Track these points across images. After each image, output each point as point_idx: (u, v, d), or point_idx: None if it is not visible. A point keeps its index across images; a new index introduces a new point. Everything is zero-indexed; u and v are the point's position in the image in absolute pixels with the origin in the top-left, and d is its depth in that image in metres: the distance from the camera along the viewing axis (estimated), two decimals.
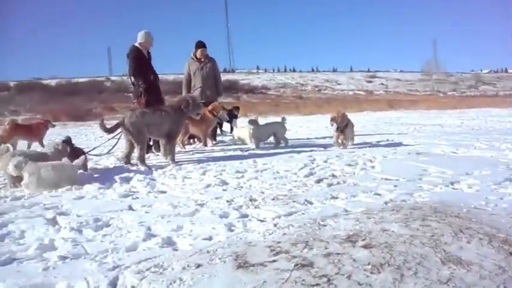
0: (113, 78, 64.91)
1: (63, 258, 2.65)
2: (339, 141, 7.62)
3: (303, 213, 3.50)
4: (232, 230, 3.11)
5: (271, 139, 8.25)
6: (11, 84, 52.64)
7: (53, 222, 3.51)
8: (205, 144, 8.43)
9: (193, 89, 9.03)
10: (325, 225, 3.06)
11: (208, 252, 2.61)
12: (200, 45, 9.11)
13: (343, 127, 7.47)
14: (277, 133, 8.12)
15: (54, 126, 9.71)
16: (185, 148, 8.22)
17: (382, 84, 74.63)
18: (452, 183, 4.46)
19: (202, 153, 7.64)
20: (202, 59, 9.01)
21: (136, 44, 7.55)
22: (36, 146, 8.42)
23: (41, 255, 2.74)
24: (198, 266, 2.40)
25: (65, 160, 5.13)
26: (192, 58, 9.14)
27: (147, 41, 7.65)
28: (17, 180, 4.85)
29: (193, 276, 2.28)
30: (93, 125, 16.86)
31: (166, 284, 2.21)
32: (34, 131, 8.79)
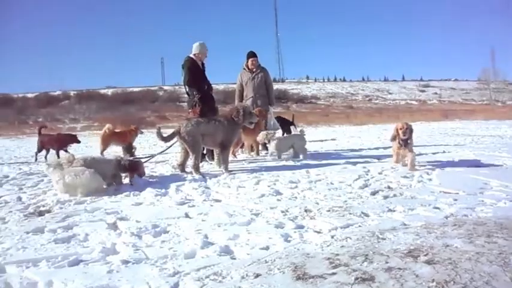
0: (165, 87, 66.69)
1: (125, 262, 2.74)
2: (400, 157, 6.58)
3: (360, 226, 3.44)
4: (288, 241, 3.10)
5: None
6: (71, 93, 55.17)
7: (114, 226, 3.65)
8: (258, 154, 8.48)
9: (245, 99, 9.12)
10: (384, 239, 2.99)
11: (266, 262, 2.62)
12: (251, 55, 9.20)
13: (406, 141, 6.30)
14: (295, 145, 8.15)
15: (142, 133, 10.65)
16: (237, 157, 8.31)
17: (436, 93, 72.31)
18: None
19: (255, 162, 7.68)
20: (254, 69, 9.09)
21: (191, 55, 7.76)
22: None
23: (105, 258, 2.85)
24: (257, 275, 2.41)
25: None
26: (244, 68, 9.25)
27: (201, 52, 7.84)
28: None
29: (252, 285, 2.29)
30: (146, 133, 17.35)
31: None
32: (127, 137, 9.50)
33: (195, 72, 7.65)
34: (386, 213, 3.82)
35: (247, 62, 9.15)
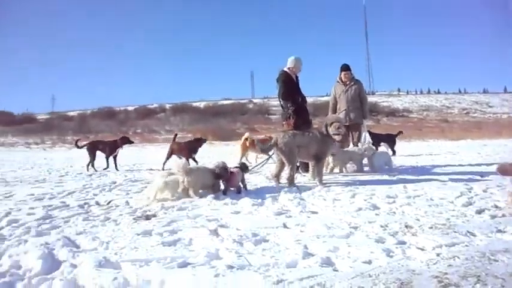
0: (255, 100, 68.07)
1: (230, 267, 2.83)
2: None
3: (466, 245, 3.24)
4: (391, 256, 3.02)
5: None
6: (167, 106, 58.28)
7: (215, 233, 3.79)
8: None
9: (338, 111, 9.06)
10: (496, 260, 2.80)
11: (370, 276, 2.57)
12: (344, 68, 9.13)
13: None
14: (352, 159, 8.24)
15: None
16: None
17: None
18: None
19: (349, 176, 7.58)
20: (348, 82, 9.01)
21: (285, 69, 7.89)
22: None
23: (209, 262, 2.96)
24: None
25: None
26: (338, 81, 9.20)
27: (296, 67, 7.97)
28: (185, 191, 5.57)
29: None
30: (236, 145, 17.81)
31: None
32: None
33: (289, 86, 7.78)
34: (495, 234, 3.56)
35: (341, 74, 9.10)
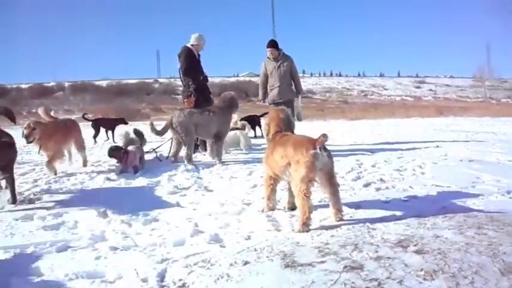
0: (161, 80, 66.29)
1: (114, 248, 2.73)
2: None
3: (351, 217, 3.42)
4: (279, 230, 3.09)
5: None
6: (66, 84, 54.78)
7: (104, 214, 3.63)
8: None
9: (270, 88, 8.85)
10: (374, 229, 2.98)
11: (255, 250, 2.60)
12: (270, 45, 8.61)
13: None
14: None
15: None
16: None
17: (431, 90, 72.28)
18: (508, 192, 4.23)
19: (248, 154, 7.67)
20: (278, 58, 8.55)
21: (189, 45, 7.69)
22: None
23: (93, 245, 2.84)
24: (246, 263, 2.40)
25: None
26: (268, 57, 8.88)
27: (199, 44, 7.78)
28: None
29: (240, 272, 2.27)
30: (140, 125, 17.30)
31: (213, 279, 2.22)
32: None
33: (191, 62, 7.60)
34: (378, 205, 3.81)
35: (268, 51, 8.87)
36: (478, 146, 8.41)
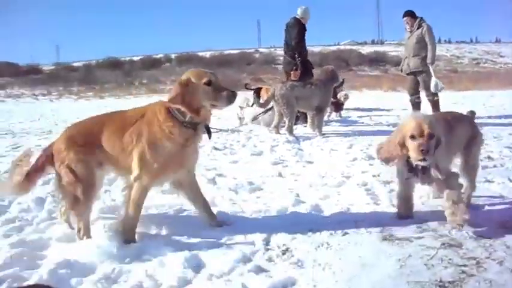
0: (261, 50, 66.89)
1: (224, 213, 2.99)
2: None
3: None
4: (378, 204, 3.17)
5: None
6: (173, 56, 57.47)
7: (213, 181, 3.94)
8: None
9: (403, 58, 8.58)
10: (477, 209, 2.92)
11: (355, 222, 2.72)
12: (404, 14, 8.40)
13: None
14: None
15: None
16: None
17: None
18: None
19: (348, 126, 7.67)
20: (414, 28, 8.26)
21: (298, 17, 7.78)
22: None
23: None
24: (345, 233, 2.53)
25: None
26: (405, 28, 8.48)
27: (305, 18, 7.85)
28: None
29: (339, 241, 2.42)
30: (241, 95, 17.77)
31: (314, 246, 2.38)
32: None
33: (303, 35, 7.74)
34: (483, 184, 3.60)
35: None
36: None
